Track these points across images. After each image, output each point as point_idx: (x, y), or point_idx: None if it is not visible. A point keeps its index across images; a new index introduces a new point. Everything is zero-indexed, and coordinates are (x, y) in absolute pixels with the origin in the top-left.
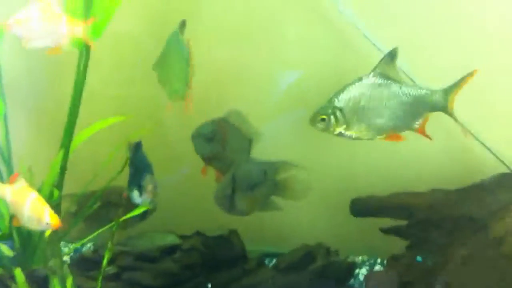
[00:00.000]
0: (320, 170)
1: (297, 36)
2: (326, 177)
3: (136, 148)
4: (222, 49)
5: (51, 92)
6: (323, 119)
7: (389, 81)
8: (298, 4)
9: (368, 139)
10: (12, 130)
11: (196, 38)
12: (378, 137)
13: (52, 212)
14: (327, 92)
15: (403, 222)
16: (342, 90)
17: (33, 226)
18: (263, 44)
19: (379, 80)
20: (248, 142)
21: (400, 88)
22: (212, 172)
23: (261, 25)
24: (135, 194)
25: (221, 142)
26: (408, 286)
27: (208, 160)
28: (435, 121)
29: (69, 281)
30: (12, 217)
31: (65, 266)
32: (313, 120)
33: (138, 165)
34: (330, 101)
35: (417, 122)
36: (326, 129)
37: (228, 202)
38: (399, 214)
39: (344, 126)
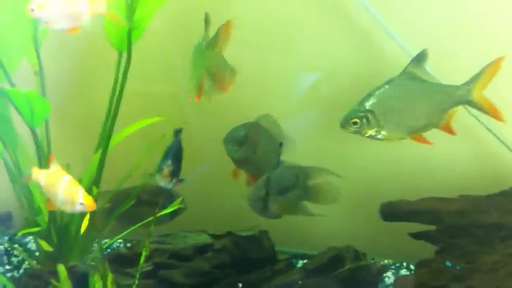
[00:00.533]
0: (349, 173)
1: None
2: (355, 180)
3: (175, 134)
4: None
5: (88, 93)
6: (355, 123)
7: (416, 81)
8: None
9: (398, 139)
10: (52, 129)
11: None
12: (408, 137)
13: (86, 193)
14: (349, 93)
15: (431, 227)
16: (372, 92)
17: (67, 207)
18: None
19: (407, 81)
20: (278, 145)
21: (427, 86)
22: (242, 175)
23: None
24: (156, 176)
25: (252, 146)
26: None
27: (239, 163)
28: (465, 127)
29: (109, 278)
30: (46, 201)
31: (105, 263)
32: (344, 124)
33: (168, 150)
34: (361, 104)
35: (442, 119)
36: (358, 132)
37: (261, 204)
38: (428, 219)
39: (376, 128)
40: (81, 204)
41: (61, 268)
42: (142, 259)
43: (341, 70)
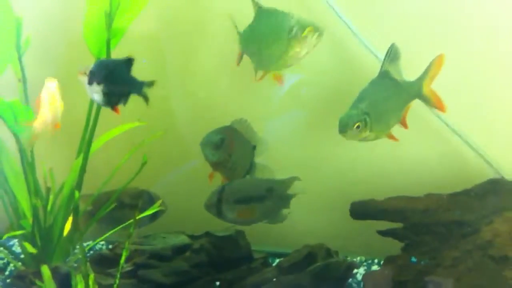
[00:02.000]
0: (322, 174)
1: None
2: (328, 180)
3: None
4: None
5: (70, 99)
6: (358, 126)
7: (391, 79)
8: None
9: (381, 138)
10: None
11: None
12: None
13: None
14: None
15: (398, 225)
16: (363, 94)
17: None
18: None
19: (386, 80)
20: (252, 148)
21: (396, 83)
22: (218, 177)
23: None
24: None
25: (227, 149)
26: (403, 285)
27: (216, 166)
28: (433, 128)
29: (91, 278)
30: None
31: (87, 264)
32: (346, 127)
33: None
34: (358, 107)
35: (402, 114)
36: (356, 135)
37: (214, 210)
38: (395, 218)
39: (369, 130)
40: None
41: (45, 269)
42: (123, 259)
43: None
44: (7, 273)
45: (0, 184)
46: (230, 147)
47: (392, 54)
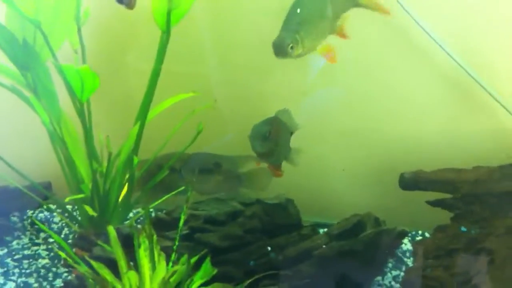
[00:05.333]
0: (369, 147)
1: None
2: (375, 153)
3: None
4: None
5: (127, 71)
6: (291, 47)
7: None
8: None
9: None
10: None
11: None
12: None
13: None
14: None
15: (447, 196)
16: (289, 14)
17: None
18: None
19: None
20: (290, 135)
21: None
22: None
23: None
24: None
25: (274, 140)
26: (454, 253)
27: (263, 156)
28: (480, 103)
29: (154, 238)
30: None
31: (150, 224)
32: (282, 50)
33: None
34: (287, 28)
35: (338, 24)
36: (292, 55)
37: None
38: (445, 188)
39: (302, 46)
40: None
41: (111, 229)
42: (181, 222)
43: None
44: (62, 236)
45: (60, 150)
46: (276, 138)
47: None
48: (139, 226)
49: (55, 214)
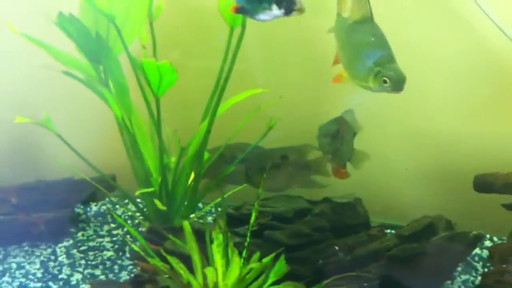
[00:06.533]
0: (430, 147)
1: None
2: (436, 154)
3: None
4: None
5: (196, 66)
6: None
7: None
8: None
9: None
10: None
11: None
12: None
13: None
14: None
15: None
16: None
17: None
18: None
19: None
20: (353, 135)
21: None
22: None
23: None
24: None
25: (341, 140)
26: None
27: (331, 155)
28: None
29: (228, 234)
30: None
31: (224, 219)
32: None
33: None
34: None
35: None
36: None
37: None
38: None
39: None
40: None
41: (186, 224)
42: (252, 219)
43: None
44: (125, 229)
45: (129, 143)
46: (342, 138)
47: None
48: (205, 221)
49: (117, 207)
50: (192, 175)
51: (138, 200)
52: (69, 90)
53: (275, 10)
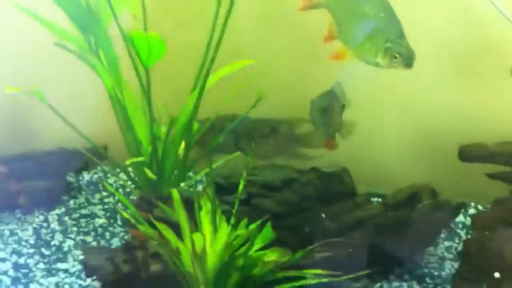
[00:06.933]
0: (423, 119)
1: None
2: (428, 126)
3: None
4: None
5: (185, 37)
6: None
7: None
8: None
9: None
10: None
11: None
12: None
13: None
14: None
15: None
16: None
17: None
18: None
19: None
20: (342, 108)
21: None
22: None
23: None
24: None
25: (332, 113)
26: None
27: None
28: None
29: (215, 202)
30: None
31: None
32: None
33: None
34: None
35: None
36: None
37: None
38: (505, 161)
39: None
40: None
41: (175, 192)
42: (241, 187)
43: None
44: (117, 198)
45: (120, 114)
46: (333, 110)
47: None
48: (195, 190)
49: (109, 175)
50: (183, 145)
51: (130, 169)
52: (62, 62)
53: None
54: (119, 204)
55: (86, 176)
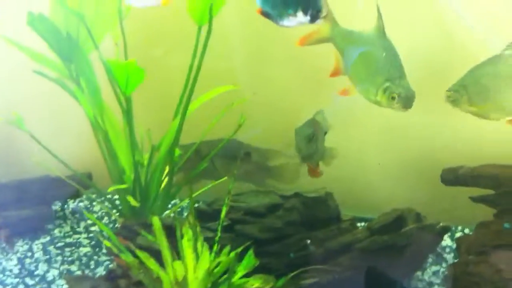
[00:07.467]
0: (407, 141)
1: None
2: (412, 147)
3: None
4: None
5: (167, 64)
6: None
7: None
8: None
9: (494, 119)
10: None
11: None
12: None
13: None
14: None
15: (490, 192)
16: (473, 68)
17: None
18: None
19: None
20: (324, 135)
21: None
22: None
23: None
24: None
25: (316, 141)
26: (498, 249)
27: (308, 158)
28: None
29: (198, 229)
30: None
31: (194, 215)
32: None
33: None
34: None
35: None
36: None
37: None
38: (488, 184)
39: (468, 103)
40: None
41: (155, 220)
42: (223, 214)
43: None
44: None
45: (102, 141)
46: (317, 139)
47: None
48: (180, 217)
49: (94, 203)
50: (166, 172)
51: (116, 197)
52: (45, 90)
53: (300, 17)
54: (104, 233)
55: (71, 204)
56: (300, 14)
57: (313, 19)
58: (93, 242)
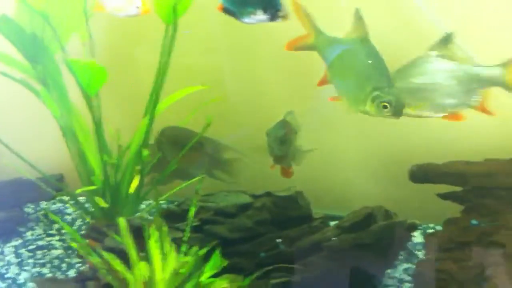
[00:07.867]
0: (379, 139)
1: None
2: (384, 146)
3: None
4: None
5: (136, 64)
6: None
7: (443, 59)
8: None
9: (427, 117)
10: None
11: None
12: (437, 115)
13: None
14: None
15: (458, 189)
16: (398, 70)
17: (121, 10)
18: None
19: (434, 59)
20: (295, 135)
21: (454, 65)
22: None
23: None
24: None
25: (288, 142)
26: (466, 246)
27: (279, 159)
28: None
29: (165, 229)
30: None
31: (161, 216)
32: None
33: None
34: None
35: (474, 99)
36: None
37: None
38: (455, 181)
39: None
40: (137, 7)
41: (121, 221)
42: (191, 214)
43: None
44: (75, 227)
45: (71, 142)
46: (289, 140)
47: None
48: (150, 217)
49: (68, 205)
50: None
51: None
52: (15, 92)
53: (260, 15)
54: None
55: (44, 206)
56: (260, 12)
57: (273, 18)
58: (65, 245)
